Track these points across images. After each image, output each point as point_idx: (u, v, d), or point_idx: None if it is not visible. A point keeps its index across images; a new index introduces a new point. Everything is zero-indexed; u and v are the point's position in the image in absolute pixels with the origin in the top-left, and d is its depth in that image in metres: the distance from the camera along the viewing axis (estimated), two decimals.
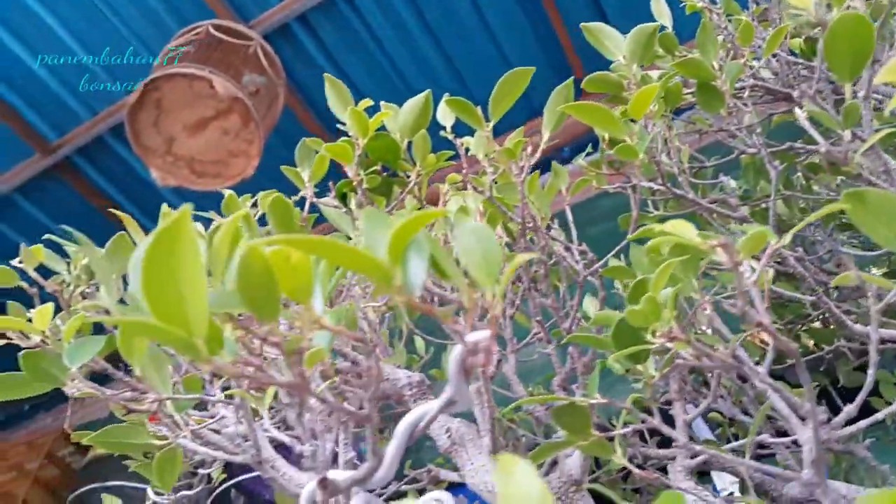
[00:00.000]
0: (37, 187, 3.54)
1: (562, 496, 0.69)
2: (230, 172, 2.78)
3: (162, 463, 0.57)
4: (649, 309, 0.42)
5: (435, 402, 0.40)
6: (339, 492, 0.41)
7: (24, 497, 2.97)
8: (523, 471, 0.27)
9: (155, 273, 0.31)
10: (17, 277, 0.59)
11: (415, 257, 0.35)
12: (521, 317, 0.91)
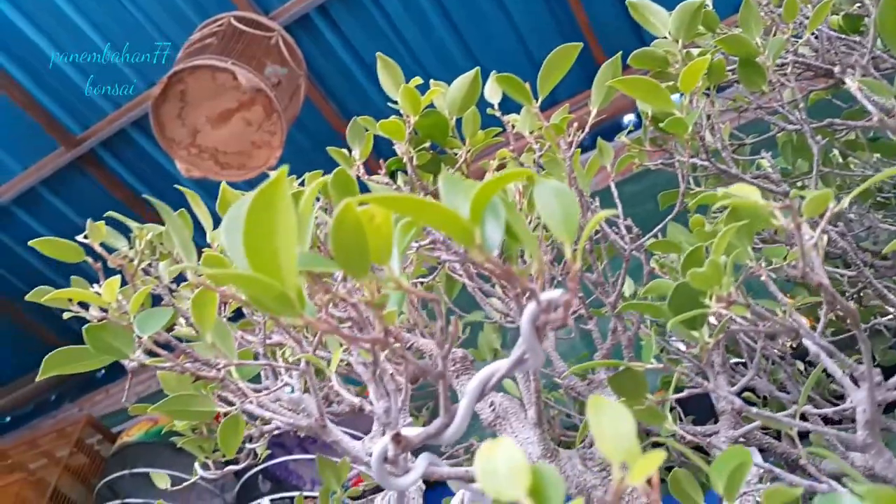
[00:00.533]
0: (61, 180, 3.58)
1: (607, 467, 0.71)
2: (253, 163, 2.81)
3: (225, 429, 0.58)
4: (711, 272, 0.43)
5: (505, 361, 0.41)
6: (411, 447, 0.43)
7: (56, 484, 3.02)
8: (615, 409, 0.29)
9: (254, 228, 0.33)
10: (84, 253, 0.61)
11: (492, 218, 0.36)
12: None
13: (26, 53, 3.14)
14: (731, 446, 0.39)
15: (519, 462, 0.28)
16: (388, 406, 0.43)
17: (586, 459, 0.72)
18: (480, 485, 0.28)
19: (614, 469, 0.27)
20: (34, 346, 4.21)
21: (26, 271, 3.91)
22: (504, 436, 0.29)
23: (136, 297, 0.55)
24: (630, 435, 0.27)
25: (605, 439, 0.27)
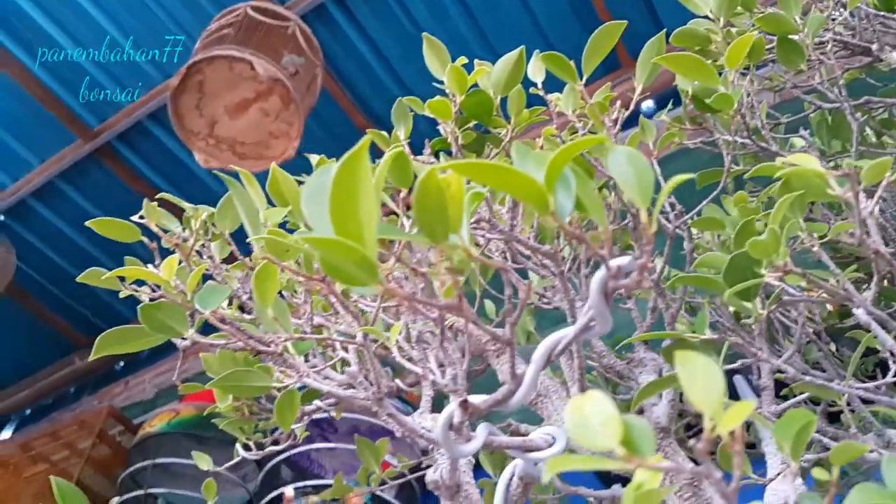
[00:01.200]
0: (79, 173, 3.61)
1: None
2: (271, 154, 2.82)
3: (282, 404, 0.60)
4: (770, 240, 0.44)
5: (571, 328, 0.42)
6: (477, 413, 0.44)
7: (78, 476, 3.06)
8: (704, 362, 0.29)
9: (340, 195, 0.34)
10: (139, 233, 0.62)
11: (563, 186, 0.37)
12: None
13: (43, 47, 3.16)
14: (791, 410, 0.40)
15: (610, 414, 0.29)
16: (455, 373, 0.44)
17: None
18: (573, 437, 0.29)
19: (705, 419, 0.28)
20: (54, 339, 4.25)
21: (46, 265, 3.94)
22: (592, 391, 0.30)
23: (194, 274, 0.57)
24: (718, 386, 0.28)
25: (695, 391, 0.28)
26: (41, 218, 3.76)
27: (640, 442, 0.28)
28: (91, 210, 3.72)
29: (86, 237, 3.83)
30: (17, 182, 3.65)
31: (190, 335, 0.63)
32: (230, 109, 2.79)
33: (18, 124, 3.43)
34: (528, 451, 0.52)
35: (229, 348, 0.63)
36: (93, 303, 4.10)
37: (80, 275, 0.66)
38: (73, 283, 3.25)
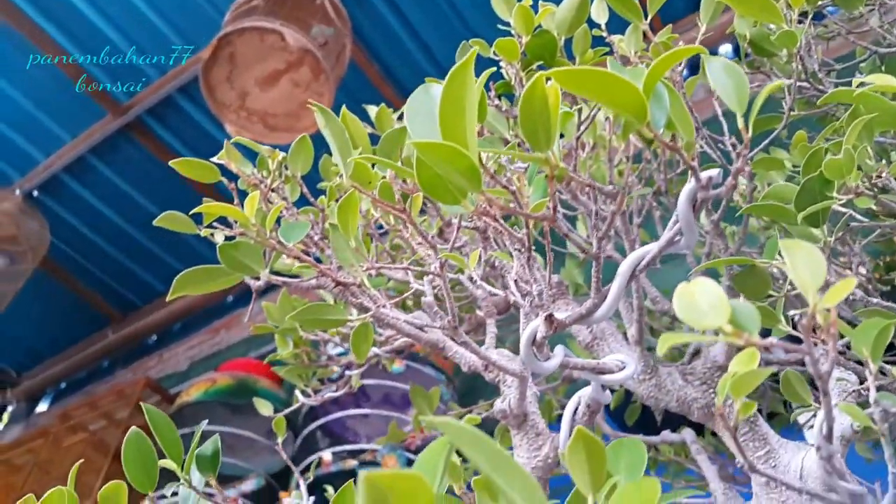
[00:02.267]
0: (110, 148, 3.65)
1: (707, 381, 0.73)
2: (301, 125, 2.84)
3: (357, 336, 0.62)
4: (846, 159, 0.45)
5: (656, 243, 0.44)
6: (562, 328, 0.46)
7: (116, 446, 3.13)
8: (806, 247, 0.31)
9: (448, 103, 0.36)
10: (219, 174, 0.64)
11: (657, 98, 0.39)
12: (643, 234, 0.94)
13: (72, 22, 3.20)
14: (867, 320, 0.42)
15: (718, 296, 0.30)
16: (540, 289, 0.46)
17: (686, 374, 0.74)
18: (683, 319, 0.30)
19: (810, 296, 0.29)
20: (88, 314, 4.34)
21: (78, 240, 4.01)
22: (698, 280, 0.32)
23: (275, 209, 0.59)
24: (821, 266, 0.30)
25: (799, 272, 0.30)
26: (73, 193, 3.82)
27: (745, 321, 0.30)
28: (122, 185, 3.78)
29: (117, 212, 3.88)
30: (49, 158, 3.71)
31: (265, 275, 0.65)
32: (261, 81, 2.81)
33: (49, 100, 3.47)
34: (600, 373, 0.54)
35: (304, 286, 0.66)
36: (126, 277, 4.17)
37: (158, 218, 0.68)
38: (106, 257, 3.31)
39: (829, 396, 0.32)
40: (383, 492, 0.24)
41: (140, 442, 0.54)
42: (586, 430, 0.32)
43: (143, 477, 0.53)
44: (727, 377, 0.33)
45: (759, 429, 0.72)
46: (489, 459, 0.27)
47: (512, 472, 0.27)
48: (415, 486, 0.24)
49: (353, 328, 0.64)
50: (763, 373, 0.31)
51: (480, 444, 0.27)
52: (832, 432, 0.34)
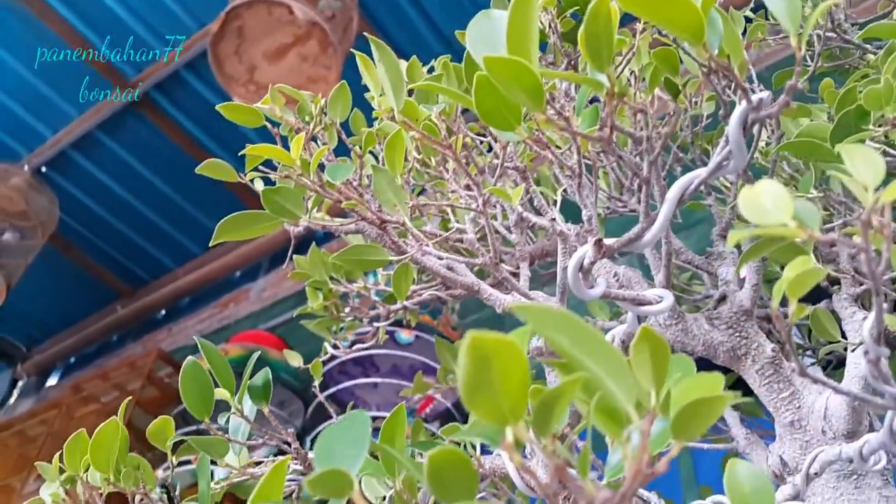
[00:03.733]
0: (118, 124, 3.66)
1: (733, 325, 0.75)
2: None
3: (398, 276, 0.64)
4: (885, 89, 0.47)
5: (705, 168, 0.45)
6: (610, 253, 0.48)
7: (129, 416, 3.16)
8: (864, 150, 0.33)
9: (515, 26, 0.37)
10: (263, 118, 0.66)
11: (711, 22, 0.40)
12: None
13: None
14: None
15: (781, 194, 0.32)
16: (590, 215, 0.48)
17: (713, 319, 0.76)
18: (748, 218, 0.32)
19: (869, 193, 0.31)
20: (97, 288, 4.37)
21: (88, 216, 4.03)
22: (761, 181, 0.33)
23: (318, 153, 0.60)
24: (881, 165, 0.31)
25: (859, 169, 0.32)
26: (82, 169, 3.83)
27: (807, 218, 0.32)
28: (130, 160, 3.79)
29: (126, 188, 3.90)
30: (56, 134, 3.72)
31: (305, 220, 0.67)
32: (269, 55, 2.81)
33: (56, 76, 3.47)
34: (639, 304, 0.56)
35: (344, 230, 0.67)
36: (135, 253, 4.20)
37: (200, 165, 0.69)
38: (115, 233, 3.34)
39: (881, 297, 0.34)
40: (487, 353, 0.26)
41: (196, 371, 0.56)
42: (651, 330, 0.34)
43: (200, 404, 0.55)
44: (782, 280, 0.35)
45: (783, 370, 0.74)
46: (573, 338, 0.29)
47: (598, 348, 0.28)
48: (515, 353, 0.26)
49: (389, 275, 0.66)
50: (819, 272, 0.33)
51: (564, 322, 0.28)
52: (881, 335, 0.35)
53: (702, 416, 0.30)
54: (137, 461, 0.68)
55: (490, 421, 0.27)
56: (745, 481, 0.36)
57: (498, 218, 0.67)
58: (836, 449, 0.52)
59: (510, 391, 0.26)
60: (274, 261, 3.88)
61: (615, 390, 0.29)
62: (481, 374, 0.26)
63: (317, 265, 0.92)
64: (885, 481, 0.71)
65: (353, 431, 0.31)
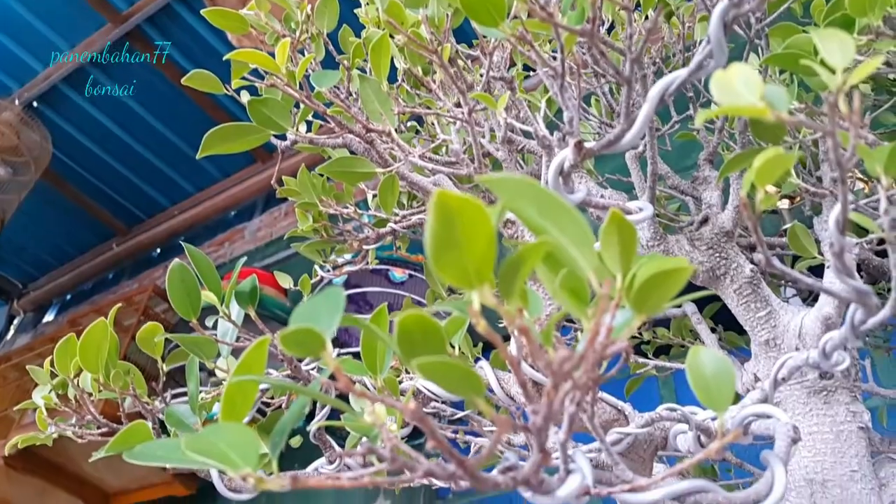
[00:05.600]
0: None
1: (713, 246, 0.76)
2: None
3: (384, 189, 0.65)
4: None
5: (685, 69, 0.46)
6: (590, 156, 0.48)
7: (125, 351, 3.20)
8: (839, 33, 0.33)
9: None
10: (248, 25, 0.65)
11: None
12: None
13: None
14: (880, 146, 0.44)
15: (754, 78, 0.32)
16: (571, 116, 0.48)
17: (694, 240, 0.77)
18: (719, 100, 0.33)
19: (838, 73, 0.32)
20: (93, 226, 4.37)
21: (81, 152, 4.00)
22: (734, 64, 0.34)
23: (304, 61, 0.60)
24: (851, 48, 0.32)
25: (831, 51, 0.32)
26: (74, 105, 3.79)
27: (776, 100, 0.32)
28: (123, 96, 3.74)
29: (119, 125, 3.86)
30: (47, 68, 3.66)
31: (292, 132, 0.67)
32: None
33: (47, 8, 3.41)
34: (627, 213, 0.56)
35: (331, 143, 0.68)
36: (130, 190, 4.18)
37: (186, 77, 0.69)
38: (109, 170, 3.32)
39: (847, 185, 0.34)
40: (452, 213, 0.26)
41: (183, 273, 0.57)
42: (621, 214, 0.34)
43: (187, 305, 0.57)
44: (751, 170, 0.36)
45: (760, 290, 0.76)
46: (541, 208, 0.30)
47: (565, 218, 0.29)
48: (480, 214, 0.27)
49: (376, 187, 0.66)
50: (789, 157, 0.34)
51: (532, 192, 0.29)
52: (846, 224, 0.36)
53: (663, 288, 0.31)
54: (127, 367, 0.70)
55: (456, 283, 0.28)
56: (708, 365, 0.37)
57: (486, 136, 0.67)
58: (803, 354, 0.53)
59: (475, 252, 0.27)
60: (268, 201, 3.88)
61: (578, 258, 0.29)
62: (447, 234, 0.27)
63: (306, 186, 0.92)
64: (853, 397, 0.74)
65: (328, 303, 0.32)
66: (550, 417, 0.31)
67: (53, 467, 3.28)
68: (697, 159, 0.83)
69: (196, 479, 3.24)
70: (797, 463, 0.74)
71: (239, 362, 0.36)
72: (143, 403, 0.70)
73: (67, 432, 0.71)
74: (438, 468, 0.33)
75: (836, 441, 0.73)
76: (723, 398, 0.36)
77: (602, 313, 0.29)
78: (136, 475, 3.27)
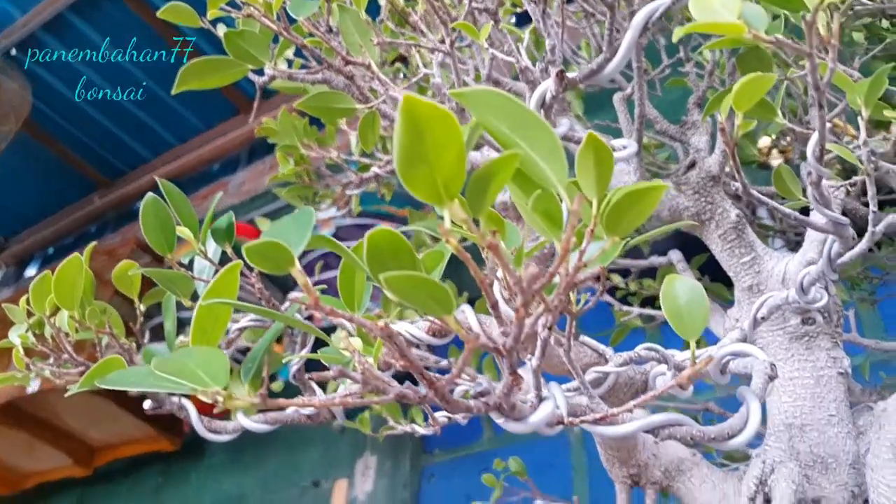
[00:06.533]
0: (89, 4, 3.52)
1: (699, 190, 0.76)
2: None
3: (364, 124, 0.63)
4: None
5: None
6: (573, 85, 0.47)
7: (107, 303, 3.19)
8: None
9: None
10: None
11: None
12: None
13: None
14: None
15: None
16: (553, 44, 0.47)
17: (680, 185, 0.77)
18: (697, 18, 0.32)
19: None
20: (74, 179, 4.31)
21: (62, 103, 3.93)
22: None
23: None
24: None
25: None
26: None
27: (753, 19, 0.31)
28: (101, 44, 3.66)
29: (101, 75, 3.79)
30: (26, 14, 3.57)
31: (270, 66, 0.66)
32: None
33: None
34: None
35: (310, 79, 0.66)
36: (111, 142, 4.12)
37: (162, 10, 0.67)
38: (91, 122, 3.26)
39: (824, 110, 0.34)
40: (420, 124, 0.25)
41: (157, 207, 0.56)
42: (598, 137, 0.34)
43: (162, 240, 0.56)
44: (731, 94, 0.35)
45: (745, 236, 0.76)
46: (513, 123, 0.29)
47: (537, 133, 0.28)
48: (450, 124, 0.26)
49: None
50: (768, 78, 0.33)
51: (504, 106, 0.28)
52: (823, 152, 0.36)
53: (636, 209, 0.31)
54: (104, 306, 0.69)
55: (425, 198, 0.27)
56: (682, 294, 0.37)
57: (470, 74, 0.66)
58: (783, 293, 0.53)
59: (444, 165, 0.27)
60: (252, 154, 3.84)
61: (547, 172, 0.29)
62: (415, 145, 0.26)
63: (287, 128, 0.91)
64: (834, 343, 0.74)
65: (299, 222, 0.32)
66: (520, 338, 0.31)
67: (38, 422, 3.29)
68: (687, 104, 0.83)
69: (181, 433, 3.26)
70: (777, 408, 0.74)
71: (209, 286, 0.36)
72: (121, 344, 0.69)
73: (45, 372, 0.70)
74: (410, 390, 0.33)
75: (815, 386, 0.74)
76: (695, 325, 0.36)
77: (572, 230, 0.28)
78: (120, 430, 3.29)
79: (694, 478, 0.66)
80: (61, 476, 3.50)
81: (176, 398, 0.66)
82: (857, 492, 0.67)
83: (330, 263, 2.83)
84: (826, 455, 0.69)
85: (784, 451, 0.68)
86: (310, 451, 2.85)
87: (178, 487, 3.24)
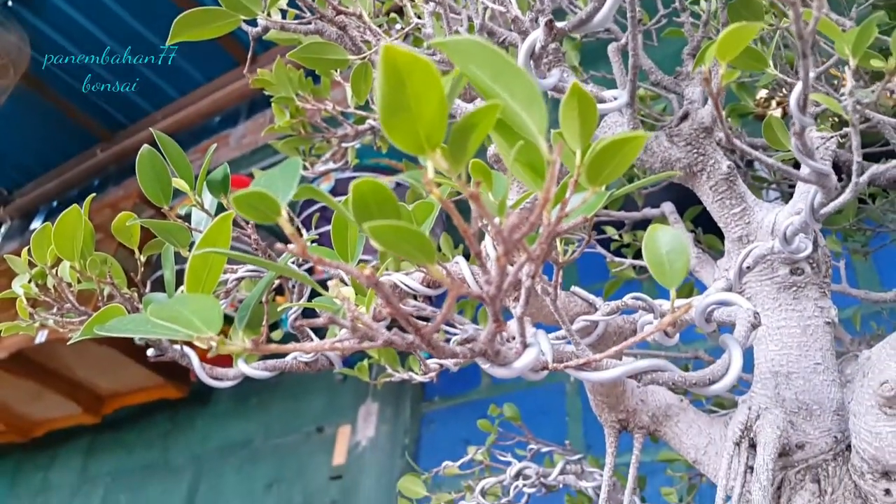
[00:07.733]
0: None
1: (692, 142, 0.76)
2: None
3: (357, 76, 0.64)
4: None
5: None
6: (562, 35, 0.48)
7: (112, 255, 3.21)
8: None
9: None
10: None
11: None
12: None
13: None
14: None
15: None
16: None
17: (673, 136, 0.77)
18: None
19: None
20: (76, 132, 4.29)
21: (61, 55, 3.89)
22: None
23: None
24: None
25: None
26: (52, 5, 3.65)
27: None
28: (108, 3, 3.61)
29: (100, 26, 3.74)
30: None
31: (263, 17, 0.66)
32: None
33: None
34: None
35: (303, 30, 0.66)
36: (113, 96, 4.09)
37: None
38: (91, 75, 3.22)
39: (808, 59, 0.34)
40: (401, 74, 0.26)
41: (153, 159, 0.57)
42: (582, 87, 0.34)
43: (158, 191, 0.57)
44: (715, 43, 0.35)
45: (736, 187, 0.76)
46: (494, 72, 0.29)
47: (518, 82, 0.29)
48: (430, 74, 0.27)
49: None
50: (752, 27, 0.33)
51: (485, 54, 0.29)
52: (807, 102, 0.36)
53: (618, 157, 0.31)
54: (104, 257, 0.70)
55: (407, 147, 0.28)
56: (663, 243, 0.38)
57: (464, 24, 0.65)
58: (768, 244, 0.54)
59: (425, 115, 0.27)
60: (253, 107, 3.81)
61: (527, 121, 0.29)
62: (396, 95, 0.26)
63: (282, 80, 0.91)
64: (822, 293, 0.76)
65: (286, 172, 0.33)
66: (502, 286, 0.32)
67: (47, 371, 3.35)
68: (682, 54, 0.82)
69: (188, 382, 3.32)
70: (764, 356, 0.76)
71: (202, 235, 0.37)
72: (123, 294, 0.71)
73: (49, 321, 0.72)
74: (397, 337, 0.35)
75: (802, 335, 0.75)
76: (676, 274, 0.37)
77: (552, 179, 0.29)
78: (128, 379, 3.34)
79: (681, 423, 0.68)
80: (71, 424, 3.58)
81: (178, 346, 0.68)
82: (840, 437, 0.69)
83: (328, 217, 2.84)
84: (811, 402, 0.71)
85: (770, 397, 0.70)
86: (313, 399, 2.90)
87: (185, 433, 3.31)
